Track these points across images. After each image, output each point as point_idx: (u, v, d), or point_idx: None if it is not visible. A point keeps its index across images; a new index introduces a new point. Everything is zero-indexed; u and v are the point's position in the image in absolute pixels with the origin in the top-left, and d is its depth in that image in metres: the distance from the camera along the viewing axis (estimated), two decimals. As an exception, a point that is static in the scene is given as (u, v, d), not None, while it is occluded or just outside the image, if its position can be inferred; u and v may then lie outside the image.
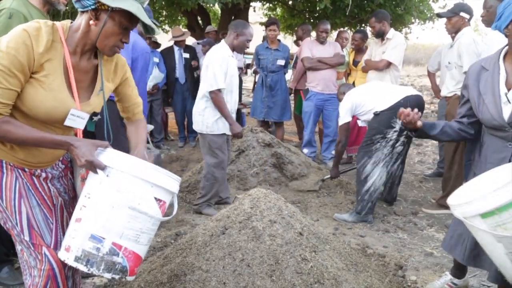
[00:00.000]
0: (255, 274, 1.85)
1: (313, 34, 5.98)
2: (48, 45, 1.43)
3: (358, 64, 5.29)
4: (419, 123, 2.06)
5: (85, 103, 1.58)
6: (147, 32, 1.59)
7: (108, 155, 1.48)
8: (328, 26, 5.45)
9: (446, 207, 3.70)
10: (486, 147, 2.06)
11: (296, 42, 6.59)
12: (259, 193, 2.19)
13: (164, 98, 6.57)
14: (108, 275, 1.46)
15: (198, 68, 6.46)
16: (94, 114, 1.64)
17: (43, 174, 1.62)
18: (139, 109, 1.89)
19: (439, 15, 4.20)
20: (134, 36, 2.98)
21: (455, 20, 3.85)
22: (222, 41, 3.64)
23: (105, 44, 1.52)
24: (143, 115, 1.93)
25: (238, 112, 7.07)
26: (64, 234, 1.60)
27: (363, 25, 8.63)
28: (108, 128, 1.70)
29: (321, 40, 5.33)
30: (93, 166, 1.45)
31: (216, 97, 3.42)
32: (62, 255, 1.49)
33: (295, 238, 2.01)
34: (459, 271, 2.44)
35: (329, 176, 4.22)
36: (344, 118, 3.80)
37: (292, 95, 6.23)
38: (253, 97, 6.16)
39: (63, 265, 1.57)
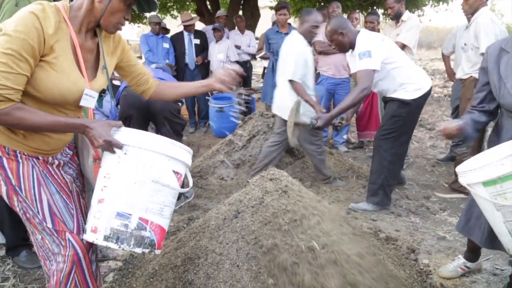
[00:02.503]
0: (268, 256, 1.86)
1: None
2: (56, 26, 1.42)
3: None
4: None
5: (94, 82, 1.59)
6: (143, 10, 1.61)
7: (123, 134, 1.50)
8: (340, 9, 5.37)
9: (459, 191, 3.72)
10: (506, 131, 2.01)
11: None
12: (271, 175, 2.18)
13: (174, 84, 6.58)
14: (138, 250, 1.49)
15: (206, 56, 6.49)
16: (103, 91, 1.64)
17: (56, 162, 1.62)
18: (151, 75, 1.90)
19: None
20: None
21: (473, 0, 3.75)
22: (295, 31, 3.79)
23: (109, 21, 1.52)
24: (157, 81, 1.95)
25: (248, 97, 7.06)
26: (84, 219, 1.62)
27: (374, 7, 8.49)
28: (112, 105, 1.71)
29: (332, 23, 5.25)
30: (111, 146, 1.46)
31: (295, 85, 3.57)
32: (90, 236, 1.50)
33: (309, 221, 2.01)
34: (472, 254, 2.43)
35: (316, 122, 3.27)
36: (372, 62, 3.05)
37: None
38: (264, 82, 6.12)
39: (86, 249, 1.59)
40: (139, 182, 1.47)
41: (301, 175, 4.24)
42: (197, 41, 6.48)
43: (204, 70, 6.66)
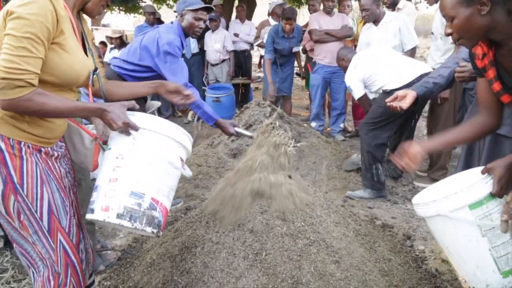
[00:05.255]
0: (265, 245, 1.88)
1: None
2: (63, 7, 1.43)
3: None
4: None
5: (90, 62, 1.62)
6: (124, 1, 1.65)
7: (138, 117, 1.53)
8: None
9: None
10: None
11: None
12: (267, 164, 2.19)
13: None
14: (148, 229, 1.52)
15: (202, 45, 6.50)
16: (95, 70, 1.65)
17: (55, 153, 1.59)
18: (103, 71, 1.88)
19: None
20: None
21: None
22: None
23: (96, 4, 1.57)
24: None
25: (247, 87, 7.06)
26: (75, 215, 1.61)
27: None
28: (102, 87, 1.72)
29: (328, 10, 5.23)
30: (128, 128, 1.48)
31: None
32: (100, 215, 1.50)
33: (305, 209, 2.03)
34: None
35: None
36: (358, 91, 3.64)
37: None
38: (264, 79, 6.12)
39: (76, 249, 1.58)
40: (154, 163, 1.52)
41: (298, 164, 4.25)
42: None
43: (201, 59, 6.64)
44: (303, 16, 11.00)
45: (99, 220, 1.50)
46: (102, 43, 7.88)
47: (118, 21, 21.20)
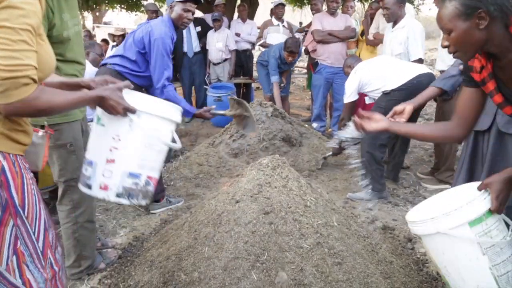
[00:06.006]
0: (267, 245, 1.88)
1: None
2: None
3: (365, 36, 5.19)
4: None
5: None
6: None
7: (133, 97, 1.52)
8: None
9: (445, 182, 3.72)
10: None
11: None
12: (270, 163, 2.19)
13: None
14: (143, 202, 1.62)
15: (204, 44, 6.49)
16: None
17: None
18: None
19: None
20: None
21: None
22: None
23: None
24: None
25: (248, 86, 7.05)
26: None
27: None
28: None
29: (332, 11, 5.22)
30: (126, 112, 1.45)
31: None
32: (100, 193, 1.56)
33: (307, 210, 2.02)
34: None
35: (330, 153, 4.19)
36: (349, 96, 3.68)
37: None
38: (262, 74, 6.07)
39: (55, 259, 1.43)
40: (150, 144, 1.57)
41: (298, 164, 4.25)
42: (199, 28, 6.45)
43: (203, 58, 6.63)
44: (305, 16, 11.01)
45: (98, 196, 1.57)
46: (104, 40, 7.87)
47: (119, 19, 21.23)
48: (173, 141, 1.65)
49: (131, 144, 1.54)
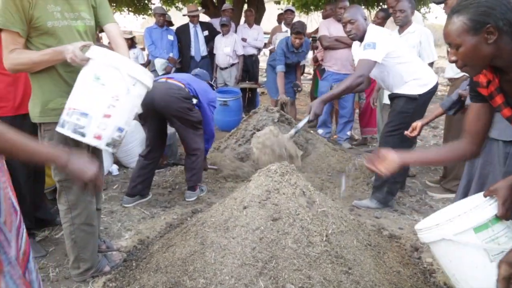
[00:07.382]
0: (275, 252, 1.86)
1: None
2: None
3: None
4: None
5: None
6: None
7: (132, 68, 1.93)
8: (347, 3, 5.31)
9: (451, 190, 3.70)
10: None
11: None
12: (278, 170, 2.18)
13: (178, 77, 6.58)
14: (115, 150, 2.01)
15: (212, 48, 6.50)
16: None
17: None
18: None
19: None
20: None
21: (451, 1, 3.46)
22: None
23: None
24: None
25: (253, 91, 7.05)
26: None
27: (380, 4, 8.43)
28: None
29: (339, 18, 5.22)
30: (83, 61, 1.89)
31: None
32: (93, 142, 1.89)
33: (315, 218, 2.01)
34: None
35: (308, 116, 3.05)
36: (375, 54, 3.01)
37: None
38: (271, 78, 6.08)
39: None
40: (134, 106, 2.01)
41: (305, 170, 4.23)
42: (206, 33, 6.47)
43: (210, 62, 6.64)
44: (311, 22, 11.01)
45: (91, 144, 1.90)
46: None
47: (126, 22, 21.32)
48: None
49: (126, 105, 1.94)
